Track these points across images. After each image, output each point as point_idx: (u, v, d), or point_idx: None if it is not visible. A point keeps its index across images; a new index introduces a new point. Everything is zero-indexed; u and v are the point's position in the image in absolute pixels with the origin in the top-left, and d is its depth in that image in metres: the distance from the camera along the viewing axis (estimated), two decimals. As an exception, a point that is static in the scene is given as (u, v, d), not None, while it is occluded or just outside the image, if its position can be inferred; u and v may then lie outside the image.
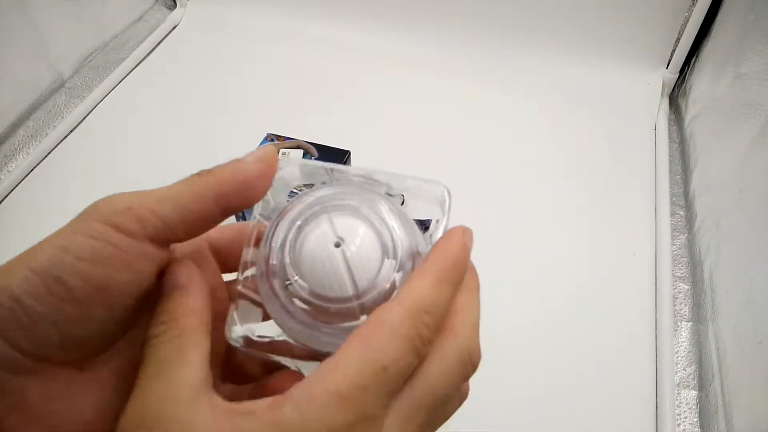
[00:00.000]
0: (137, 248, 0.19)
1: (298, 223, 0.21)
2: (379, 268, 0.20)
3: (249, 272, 0.22)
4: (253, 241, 0.23)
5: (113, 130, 0.71)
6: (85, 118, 0.72)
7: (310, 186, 0.24)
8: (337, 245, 0.20)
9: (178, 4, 0.88)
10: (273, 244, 0.21)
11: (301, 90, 0.76)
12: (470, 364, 0.20)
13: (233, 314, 0.22)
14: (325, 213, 0.21)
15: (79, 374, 0.20)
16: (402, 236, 0.21)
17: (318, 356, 0.22)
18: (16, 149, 0.67)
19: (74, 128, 0.71)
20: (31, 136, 0.69)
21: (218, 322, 0.23)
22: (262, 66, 0.79)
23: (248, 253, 0.23)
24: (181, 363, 0.18)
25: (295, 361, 0.22)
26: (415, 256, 0.21)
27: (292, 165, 0.24)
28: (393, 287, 0.20)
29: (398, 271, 0.21)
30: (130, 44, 0.83)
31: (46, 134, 0.69)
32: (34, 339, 0.18)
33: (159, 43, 0.83)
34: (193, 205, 0.20)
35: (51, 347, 0.19)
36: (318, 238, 0.21)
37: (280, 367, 0.23)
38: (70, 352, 0.19)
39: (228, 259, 0.25)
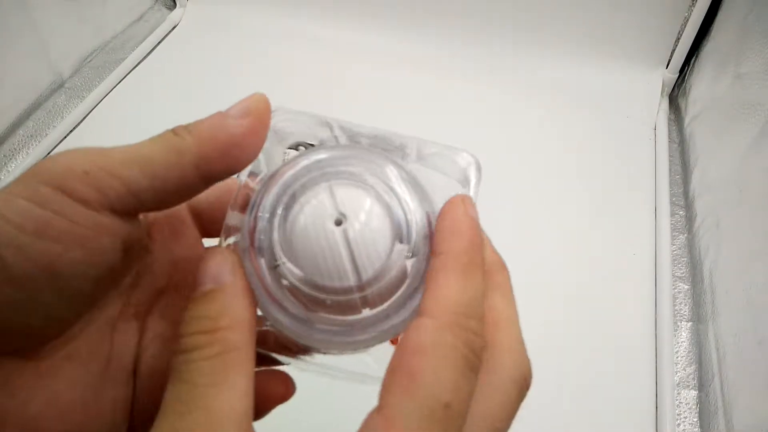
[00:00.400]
0: (94, 220, 0.16)
1: (292, 191, 0.18)
2: (389, 253, 0.17)
3: (232, 239, 0.19)
4: (239, 204, 0.19)
5: (113, 130, 0.71)
6: (84, 118, 0.72)
7: (308, 146, 0.20)
8: (338, 222, 0.17)
9: (177, 4, 0.88)
10: (260, 214, 0.17)
11: (301, 90, 0.76)
12: (526, 386, 0.17)
13: None
14: (324, 181, 0.18)
15: (23, 364, 0.17)
16: (417, 213, 0.18)
17: (309, 351, 0.19)
18: (16, 149, 0.67)
19: (74, 128, 0.71)
20: (31, 136, 0.69)
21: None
22: (262, 66, 0.79)
23: (233, 217, 0.19)
24: (223, 389, 0.15)
25: (282, 356, 0.19)
26: (430, 237, 0.18)
27: (286, 116, 0.20)
28: (404, 276, 0.17)
29: (411, 257, 0.17)
30: (130, 44, 0.83)
31: (46, 134, 0.69)
32: None
33: (159, 43, 0.83)
34: (168, 171, 0.16)
35: None
36: (314, 211, 0.17)
37: (264, 360, 0.20)
38: (11, 340, 0.16)
39: (211, 223, 0.21)
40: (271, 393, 0.21)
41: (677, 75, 0.72)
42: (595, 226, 0.60)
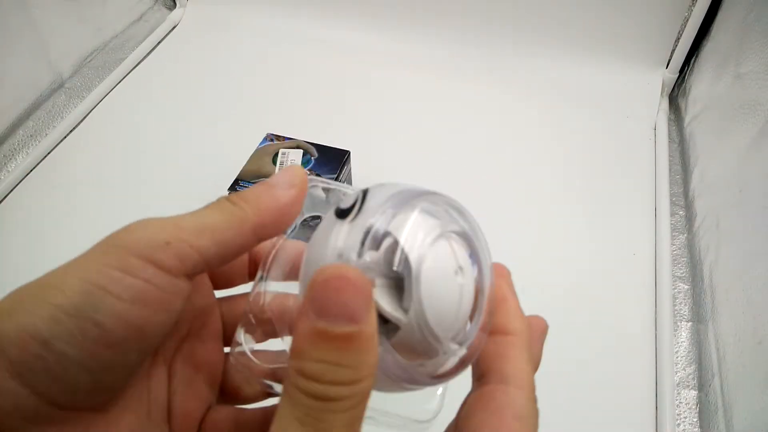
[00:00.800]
0: (177, 287, 0.18)
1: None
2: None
3: (261, 288, 0.21)
4: (270, 260, 0.21)
5: (113, 130, 0.71)
6: (84, 118, 0.72)
7: (317, 218, 0.21)
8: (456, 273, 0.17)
9: (177, 4, 0.88)
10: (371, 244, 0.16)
11: (301, 90, 0.76)
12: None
13: (240, 332, 0.21)
14: (439, 229, 0.17)
15: (96, 416, 0.18)
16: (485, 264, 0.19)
17: None
18: (16, 149, 0.67)
19: (74, 128, 0.71)
20: (31, 136, 0.69)
21: (211, 341, 0.23)
22: (261, 66, 0.79)
23: (266, 269, 0.21)
24: None
25: None
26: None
27: (317, 186, 0.22)
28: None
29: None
30: (130, 44, 0.83)
31: (46, 134, 0.69)
32: (63, 387, 0.17)
33: (159, 43, 0.83)
34: (233, 238, 0.18)
35: (80, 394, 0.17)
36: (441, 261, 0.17)
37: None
38: (97, 396, 0.18)
39: (218, 275, 0.23)
40: None
41: (677, 75, 0.73)
42: (595, 226, 0.60)
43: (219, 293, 0.24)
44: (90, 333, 0.16)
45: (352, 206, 0.18)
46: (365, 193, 0.18)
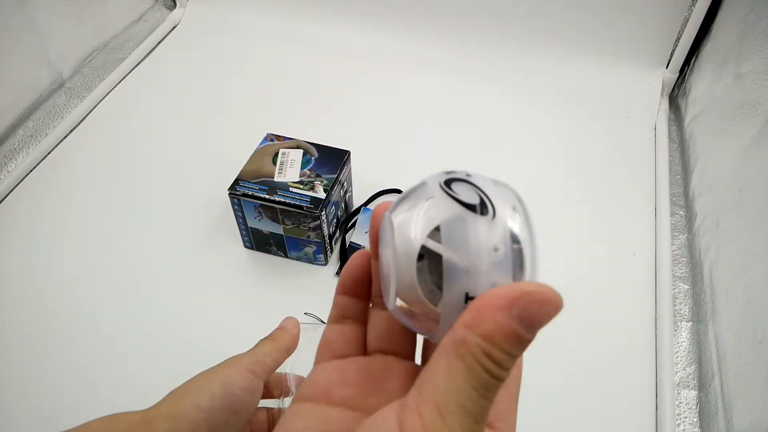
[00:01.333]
0: (260, 386, 0.30)
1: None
2: None
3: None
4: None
5: (113, 130, 0.71)
6: (84, 118, 0.72)
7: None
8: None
9: (177, 4, 0.88)
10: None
11: (301, 90, 0.76)
12: None
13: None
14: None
15: None
16: None
17: None
18: (16, 149, 0.67)
19: (74, 128, 0.71)
20: (31, 136, 0.69)
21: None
22: (261, 66, 0.79)
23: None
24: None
25: None
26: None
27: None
28: None
29: None
30: (130, 44, 0.83)
31: (46, 134, 0.69)
32: None
33: (159, 43, 0.83)
34: (278, 358, 0.32)
35: None
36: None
37: None
38: None
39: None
40: None
41: (677, 75, 0.73)
42: (595, 226, 0.60)
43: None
44: (228, 404, 0.28)
45: (482, 203, 0.19)
46: (483, 192, 0.19)
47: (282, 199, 0.51)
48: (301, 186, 0.52)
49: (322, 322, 0.25)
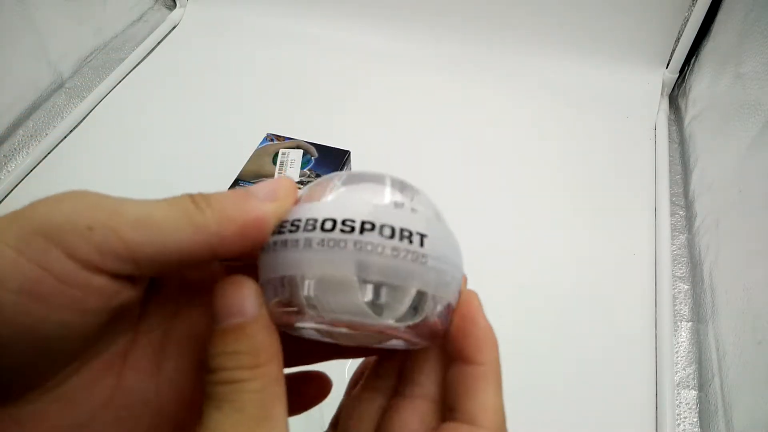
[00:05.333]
0: (87, 282, 0.14)
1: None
2: None
3: None
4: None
5: (113, 131, 0.71)
6: (84, 118, 0.72)
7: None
8: None
9: (177, 4, 0.88)
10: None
11: (301, 90, 0.76)
12: None
13: None
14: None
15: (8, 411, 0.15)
16: None
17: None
18: (16, 149, 0.67)
19: (74, 128, 0.71)
20: (31, 136, 0.69)
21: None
22: (261, 66, 0.79)
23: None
24: (275, 421, 0.15)
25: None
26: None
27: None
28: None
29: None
30: (130, 44, 0.83)
31: (46, 134, 0.69)
32: None
33: (159, 43, 0.83)
34: (180, 244, 0.15)
35: None
36: None
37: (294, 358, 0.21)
38: None
39: None
40: (308, 395, 0.21)
41: (677, 75, 0.72)
42: (595, 226, 0.60)
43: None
44: None
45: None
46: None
47: (282, 199, 0.51)
48: (302, 186, 0.52)
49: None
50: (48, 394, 0.16)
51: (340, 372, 0.23)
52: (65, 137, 0.70)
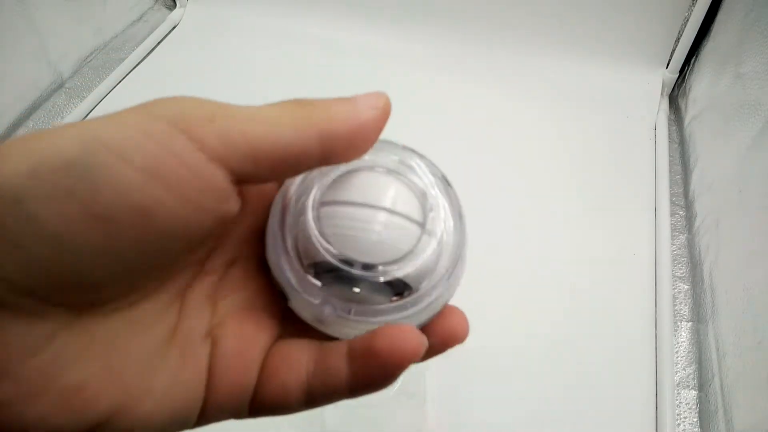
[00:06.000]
0: (210, 174, 0.14)
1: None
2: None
3: None
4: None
5: (113, 130, 0.71)
6: (85, 118, 0.72)
7: None
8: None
9: (178, 4, 0.88)
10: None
11: (301, 90, 0.75)
12: None
13: None
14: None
15: (74, 321, 0.14)
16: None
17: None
18: (16, 149, 0.67)
19: (74, 128, 0.71)
20: (31, 136, 0.69)
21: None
22: (262, 66, 0.79)
23: None
24: None
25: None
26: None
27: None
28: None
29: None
30: (130, 44, 0.83)
31: (46, 134, 0.69)
32: (30, 265, 0.12)
33: (159, 43, 0.83)
34: (293, 138, 0.15)
35: (52, 279, 0.13)
36: None
37: None
38: (81, 293, 0.14)
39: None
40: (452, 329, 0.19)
41: (677, 75, 0.72)
42: (595, 226, 0.60)
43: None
44: (78, 197, 0.12)
45: None
46: None
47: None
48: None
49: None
50: (122, 315, 0.15)
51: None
52: (65, 137, 0.70)
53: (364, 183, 0.19)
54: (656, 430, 0.46)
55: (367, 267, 0.17)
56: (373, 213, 0.18)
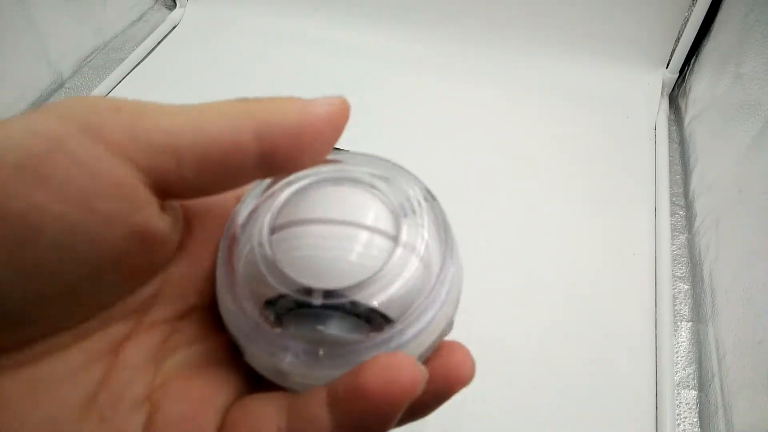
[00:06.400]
0: (116, 174, 0.11)
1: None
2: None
3: None
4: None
5: (113, 130, 0.71)
6: (85, 118, 0.72)
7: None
8: None
9: (178, 4, 0.88)
10: None
11: (301, 90, 0.75)
12: None
13: None
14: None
15: (18, 371, 0.12)
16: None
17: None
18: (16, 149, 0.67)
19: (74, 128, 0.71)
20: (31, 136, 0.69)
21: None
22: (262, 66, 0.79)
23: None
24: None
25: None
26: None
27: None
28: None
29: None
30: (130, 44, 0.83)
31: (46, 134, 0.69)
32: None
33: (159, 43, 0.83)
34: (223, 127, 0.12)
35: None
36: None
37: None
38: None
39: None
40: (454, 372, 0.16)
41: (677, 75, 0.72)
42: (595, 226, 0.60)
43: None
44: None
45: None
46: None
47: (282, 199, 0.51)
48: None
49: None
50: (26, 371, 0.12)
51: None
52: (65, 137, 0.70)
53: (323, 198, 0.16)
54: (656, 430, 0.46)
55: (330, 294, 0.14)
56: (330, 228, 0.14)
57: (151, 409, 0.14)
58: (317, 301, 0.14)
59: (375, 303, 0.14)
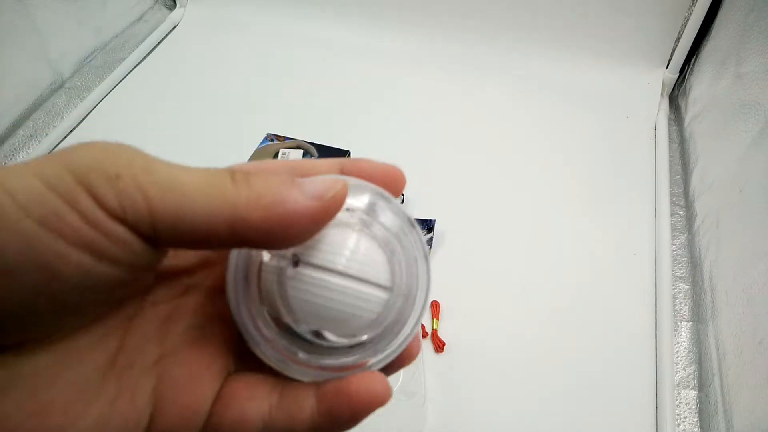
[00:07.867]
0: (112, 232, 0.14)
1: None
2: None
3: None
4: None
5: (113, 130, 0.71)
6: (84, 118, 0.72)
7: None
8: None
9: (178, 4, 0.88)
10: None
11: (301, 90, 0.76)
12: None
13: None
14: None
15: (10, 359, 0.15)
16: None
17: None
18: (16, 149, 0.67)
19: (74, 128, 0.71)
20: (31, 136, 0.69)
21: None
22: (262, 66, 0.79)
23: None
24: None
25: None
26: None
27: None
28: None
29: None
30: (130, 44, 0.83)
31: (46, 134, 0.69)
32: None
33: (159, 43, 0.83)
34: (201, 213, 0.14)
35: None
36: None
37: None
38: None
39: None
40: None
41: (677, 75, 0.73)
42: (595, 226, 0.60)
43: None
44: None
45: None
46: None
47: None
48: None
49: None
50: (52, 348, 0.15)
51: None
52: (65, 137, 0.70)
53: (345, 244, 0.17)
54: (656, 430, 0.46)
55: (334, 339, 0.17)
56: (346, 284, 0.17)
57: (160, 372, 0.17)
58: (324, 342, 0.17)
59: (365, 337, 0.18)
